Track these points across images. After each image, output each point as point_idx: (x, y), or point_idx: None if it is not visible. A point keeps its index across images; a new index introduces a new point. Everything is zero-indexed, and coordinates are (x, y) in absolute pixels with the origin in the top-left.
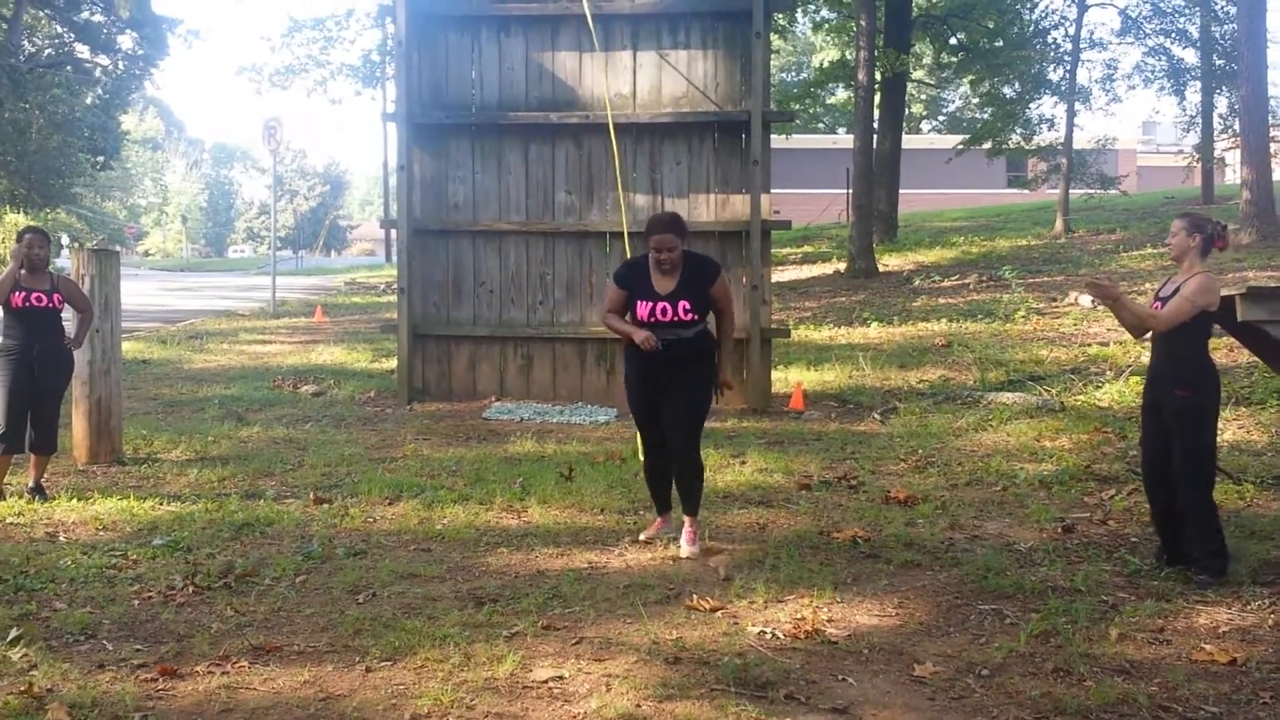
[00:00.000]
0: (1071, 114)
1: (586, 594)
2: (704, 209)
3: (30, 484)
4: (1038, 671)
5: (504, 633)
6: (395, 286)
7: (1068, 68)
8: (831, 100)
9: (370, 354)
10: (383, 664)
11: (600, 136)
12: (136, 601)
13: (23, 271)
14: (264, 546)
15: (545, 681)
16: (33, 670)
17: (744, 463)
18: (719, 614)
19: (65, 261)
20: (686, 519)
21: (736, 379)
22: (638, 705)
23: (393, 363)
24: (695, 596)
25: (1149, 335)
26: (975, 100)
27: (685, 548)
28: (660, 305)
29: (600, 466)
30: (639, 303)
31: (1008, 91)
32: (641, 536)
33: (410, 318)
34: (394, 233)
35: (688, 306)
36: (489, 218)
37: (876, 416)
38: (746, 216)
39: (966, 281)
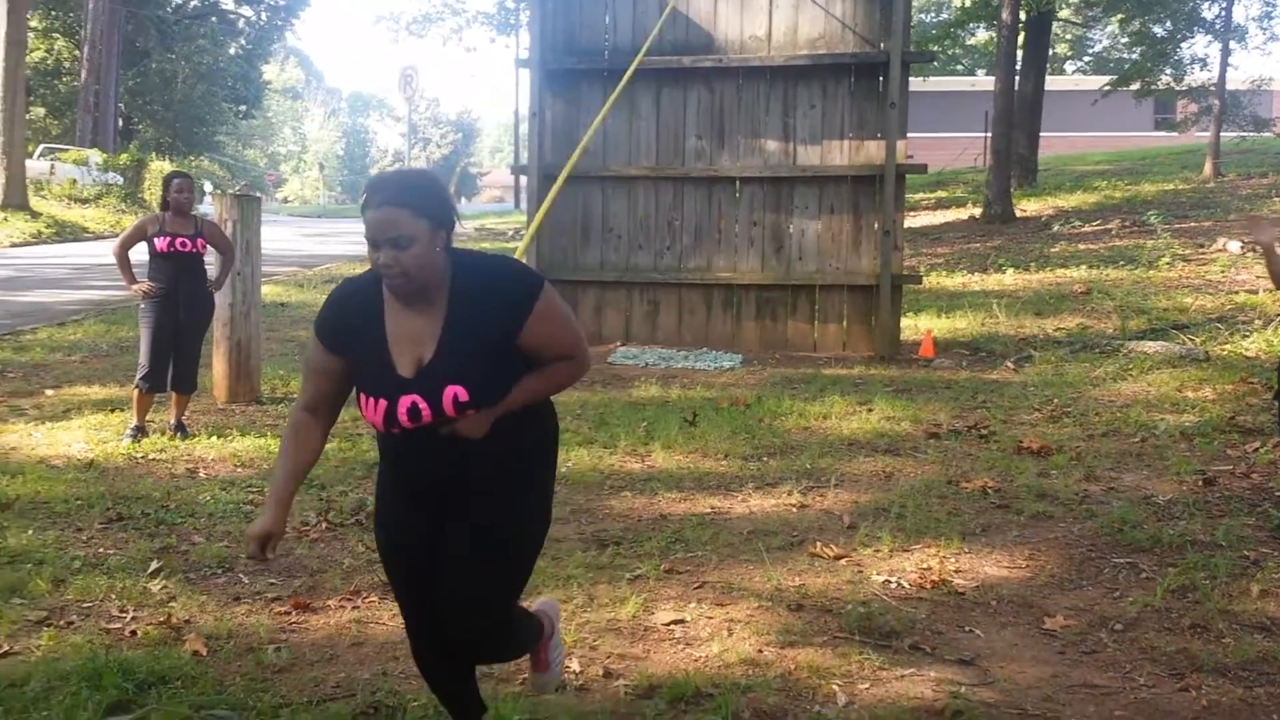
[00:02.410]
0: (1226, 53)
1: (709, 539)
2: (837, 153)
3: (172, 422)
4: (1174, 627)
5: (627, 575)
6: (524, 232)
7: (1223, 4)
8: (971, 41)
9: None
10: None
11: (732, 81)
12: None
13: (168, 215)
14: None
15: (667, 624)
16: (171, 601)
17: (870, 410)
18: (843, 562)
19: (208, 207)
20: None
21: (864, 326)
22: (759, 651)
23: None
24: (819, 544)
25: None
26: (1124, 39)
27: (535, 678)
28: (405, 402)
29: (724, 412)
30: (363, 398)
31: (1158, 30)
32: None
33: (539, 263)
34: (523, 179)
35: (461, 396)
36: (618, 163)
37: (1010, 365)
38: (880, 161)
39: (1108, 227)
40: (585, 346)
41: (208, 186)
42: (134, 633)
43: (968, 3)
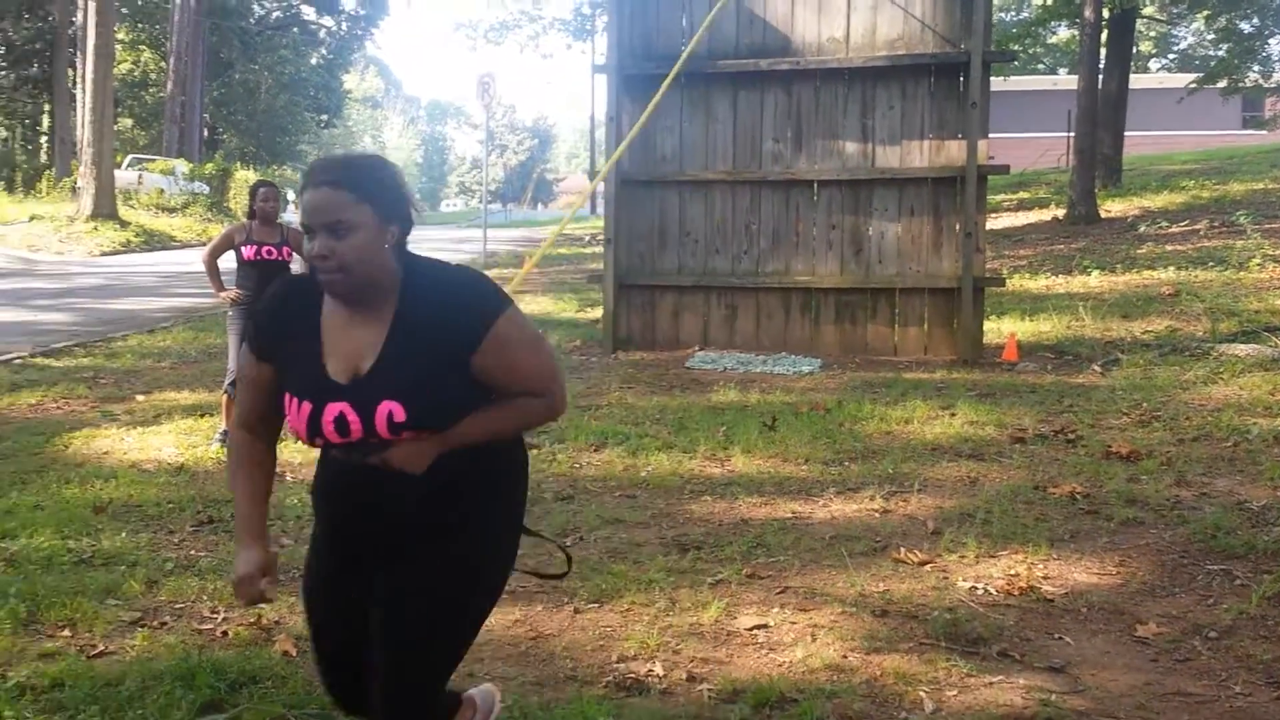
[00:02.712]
0: None
1: (791, 544)
2: (917, 155)
3: None
4: (1270, 635)
5: (708, 579)
6: (601, 238)
7: None
8: (1052, 39)
9: (576, 304)
10: (590, 605)
11: (810, 83)
12: None
13: (254, 224)
14: None
15: (750, 629)
16: (259, 603)
17: (953, 414)
18: (927, 568)
19: (291, 215)
20: None
21: (945, 329)
22: (844, 656)
23: (598, 312)
24: (903, 550)
25: None
26: (1209, 36)
27: None
28: (332, 410)
29: (804, 417)
30: (288, 399)
31: (1245, 26)
32: None
33: (616, 268)
34: (601, 185)
35: (397, 415)
36: (695, 167)
37: (1097, 368)
38: (962, 162)
39: (1196, 227)
40: (560, 384)
41: (290, 195)
42: (225, 633)
43: (1049, 1)
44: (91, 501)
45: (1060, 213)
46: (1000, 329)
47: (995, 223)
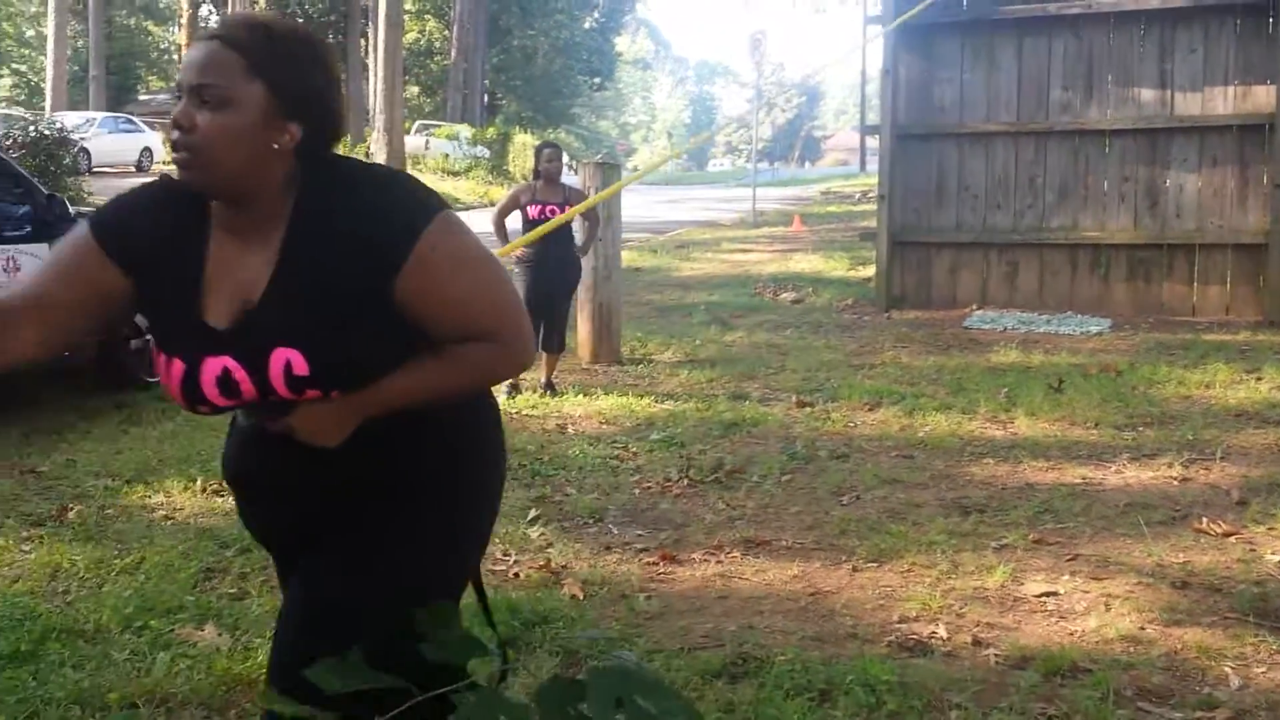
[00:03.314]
0: None
1: (1081, 510)
2: (1220, 101)
3: (542, 380)
4: None
5: (992, 544)
6: (872, 194)
7: None
8: None
9: (847, 262)
10: (869, 564)
11: (1103, 27)
12: (637, 490)
13: (539, 184)
14: (750, 445)
15: (1039, 596)
16: (549, 548)
17: (1259, 379)
18: (1232, 539)
19: (570, 177)
20: None
21: (1250, 287)
22: (1141, 628)
23: (869, 270)
24: (1204, 520)
25: None
26: None
27: None
28: (212, 366)
29: (1093, 379)
30: (158, 356)
31: None
32: None
33: (890, 225)
34: (869, 141)
35: (296, 366)
36: (976, 119)
37: None
38: (1270, 108)
39: None
40: (517, 322)
41: (564, 157)
42: (517, 575)
43: None
44: None
45: None
46: None
47: None
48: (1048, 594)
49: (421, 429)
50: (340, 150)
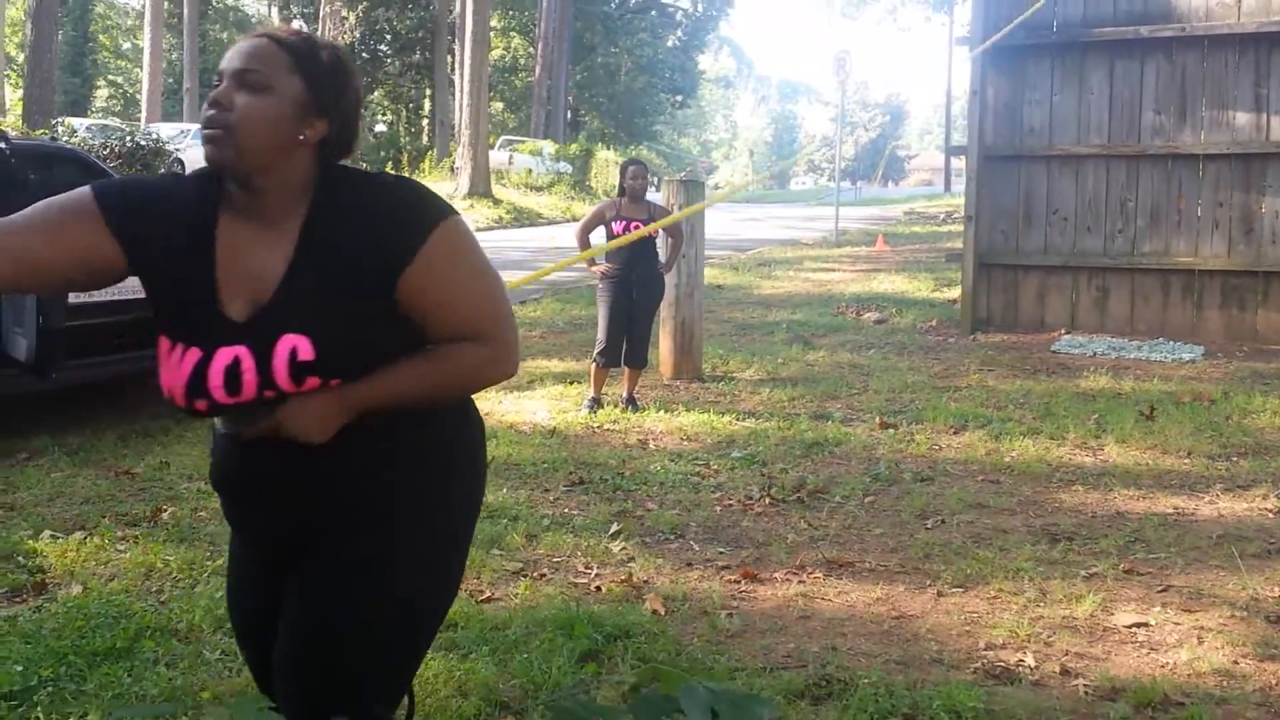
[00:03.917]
0: None
1: (1173, 540)
2: None
3: (624, 395)
4: None
5: (1081, 572)
6: (957, 215)
7: None
8: None
9: (931, 283)
10: (954, 590)
11: (1196, 50)
12: (718, 508)
13: (623, 201)
14: (833, 465)
15: (1129, 626)
16: (631, 562)
17: None
18: None
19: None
20: None
21: None
22: (1235, 662)
23: (954, 292)
24: None
25: None
26: None
27: None
28: (223, 356)
29: (1186, 407)
30: (164, 346)
31: None
32: None
33: (977, 246)
34: (954, 161)
35: (302, 352)
36: (1066, 141)
37: None
38: None
39: None
40: (509, 330)
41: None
42: (599, 588)
43: None
44: None
45: None
46: None
47: None
48: (1138, 625)
49: (405, 438)
50: (427, 165)
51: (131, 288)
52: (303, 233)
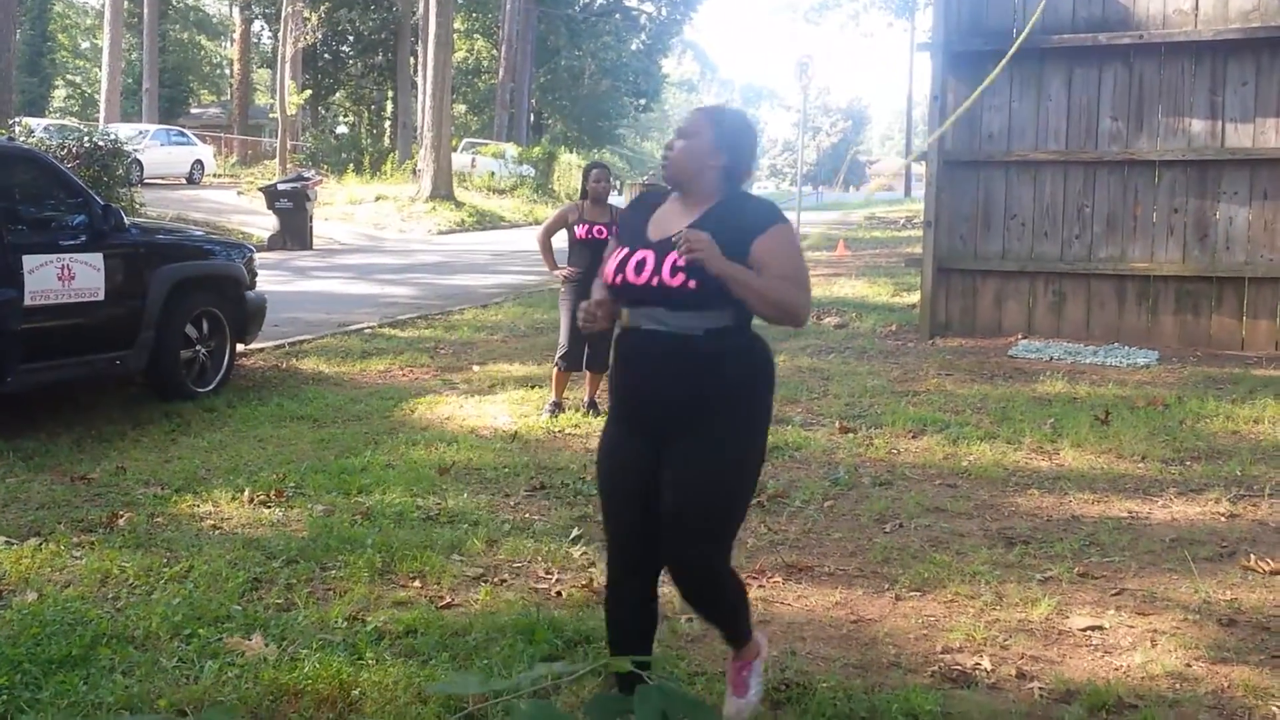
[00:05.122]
0: None
1: (1127, 544)
2: (1272, 133)
3: (586, 399)
4: None
5: (1037, 576)
6: (917, 221)
7: None
8: None
9: (891, 288)
10: (912, 594)
11: (1153, 58)
12: None
13: (586, 204)
14: (793, 470)
15: (1084, 630)
16: (591, 567)
17: None
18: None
19: (620, 198)
20: (730, 651)
21: None
22: (1187, 665)
23: (914, 297)
24: (1253, 557)
25: None
26: None
27: (732, 703)
28: (638, 254)
29: (1140, 412)
30: (614, 250)
31: None
32: None
33: (936, 251)
34: (915, 167)
35: (678, 262)
36: (1024, 147)
37: None
38: None
39: None
40: (809, 295)
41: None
42: (559, 593)
43: None
44: (436, 463)
45: None
46: None
47: None
48: (1093, 628)
49: (745, 350)
50: (389, 167)
51: (88, 290)
52: (707, 211)
